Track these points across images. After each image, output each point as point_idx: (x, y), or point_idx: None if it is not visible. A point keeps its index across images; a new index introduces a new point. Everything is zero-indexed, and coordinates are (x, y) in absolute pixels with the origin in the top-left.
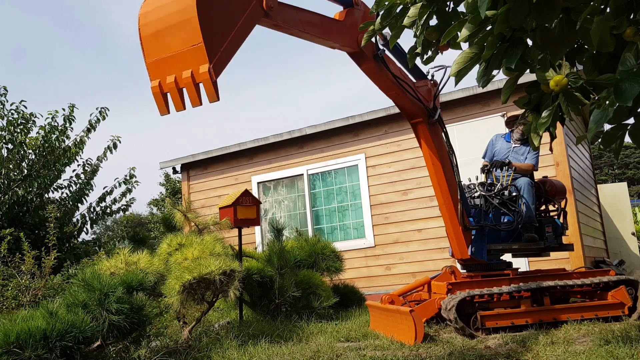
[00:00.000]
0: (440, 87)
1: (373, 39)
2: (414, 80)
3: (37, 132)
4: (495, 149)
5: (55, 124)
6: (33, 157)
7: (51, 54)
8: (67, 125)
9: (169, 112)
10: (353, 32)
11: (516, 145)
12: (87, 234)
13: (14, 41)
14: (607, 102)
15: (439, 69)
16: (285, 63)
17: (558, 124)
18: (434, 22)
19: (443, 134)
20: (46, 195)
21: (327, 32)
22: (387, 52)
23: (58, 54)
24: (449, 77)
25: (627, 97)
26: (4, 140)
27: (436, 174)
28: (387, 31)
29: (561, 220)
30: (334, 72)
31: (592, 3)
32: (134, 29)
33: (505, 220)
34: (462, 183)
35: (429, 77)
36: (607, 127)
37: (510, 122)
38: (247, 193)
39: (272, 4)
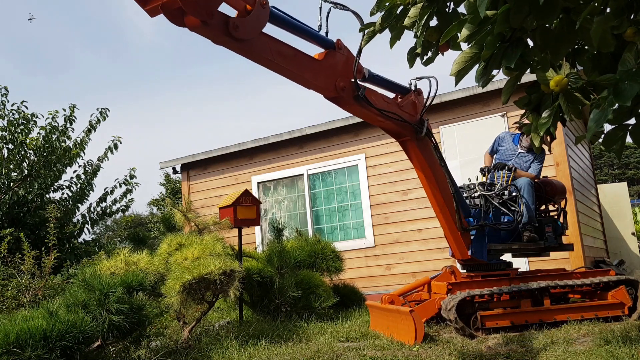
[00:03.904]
0: (427, 104)
1: (352, 79)
2: (398, 99)
3: (38, 133)
4: (501, 148)
5: (56, 124)
6: (33, 157)
7: (52, 50)
8: (68, 125)
9: None
10: (331, 74)
11: (522, 151)
12: (89, 234)
13: (14, 37)
14: (607, 102)
15: (419, 80)
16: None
17: (558, 124)
18: (434, 23)
19: (432, 145)
20: (47, 195)
21: (301, 68)
22: (367, 82)
23: (60, 50)
24: (435, 91)
25: (626, 97)
26: (4, 141)
27: (429, 186)
28: (366, 67)
29: (561, 220)
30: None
31: (592, 3)
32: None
33: (505, 220)
34: (463, 183)
35: (412, 87)
36: (607, 127)
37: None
38: (247, 193)
39: (239, 23)
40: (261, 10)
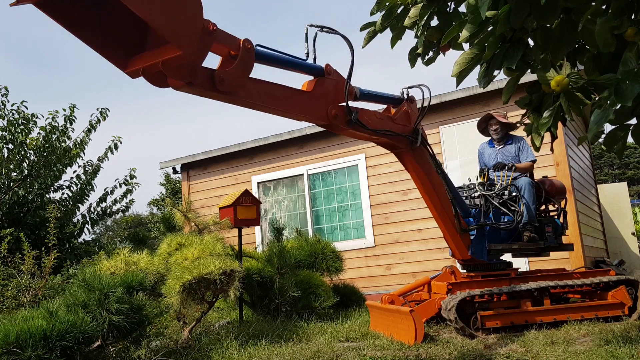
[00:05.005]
0: (420, 114)
1: (343, 103)
2: (391, 109)
3: (38, 133)
4: (484, 158)
5: (56, 124)
6: (33, 157)
7: (51, 49)
8: (68, 125)
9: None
10: (322, 103)
11: (500, 146)
12: (89, 234)
13: (13, 36)
14: (608, 103)
15: (411, 88)
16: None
17: (559, 124)
18: (434, 23)
19: (428, 154)
20: (47, 195)
21: (292, 105)
22: (359, 100)
23: (60, 49)
24: (429, 101)
25: (627, 97)
26: (4, 141)
27: (427, 193)
28: (357, 87)
29: (561, 220)
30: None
31: (593, 3)
32: None
33: (506, 219)
34: (463, 183)
35: (404, 96)
36: (608, 127)
37: (484, 122)
38: (247, 193)
39: (225, 76)
40: (246, 55)
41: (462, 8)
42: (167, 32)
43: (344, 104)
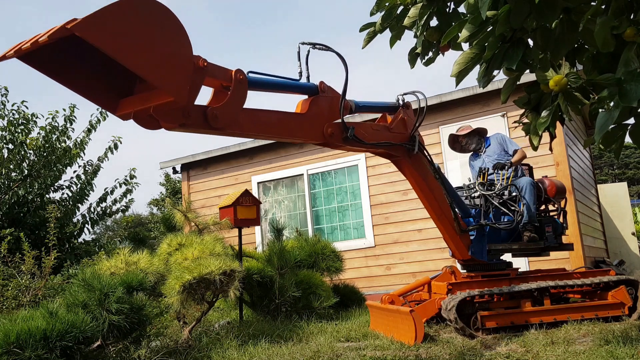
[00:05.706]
0: (417, 123)
1: (339, 120)
2: (387, 116)
3: (38, 133)
4: (476, 170)
5: (56, 124)
6: (33, 157)
7: None
8: (68, 125)
9: None
10: (318, 123)
11: (483, 152)
12: (89, 234)
13: (12, 33)
14: (612, 104)
15: (406, 94)
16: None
17: (558, 124)
18: (434, 23)
19: (426, 160)
20: (47, 195)
21: (287, 130)
22: (355, 113)
23: None
24: (425, 107)
25: (631, 98)
26: (4, 141)
27: (426, 199)
28: (352, 100)
29: (561, 220)
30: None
31: (593, 4)
32: None
33: (506, 219)
34: (463, 183)
35: (400, 102)
36: None
37: (455, 143)
38: (247, 193)
39: (218, 112)
40: (239, 87)
41: (462, 8)
42: (157, 82)
43: (340, 120)
